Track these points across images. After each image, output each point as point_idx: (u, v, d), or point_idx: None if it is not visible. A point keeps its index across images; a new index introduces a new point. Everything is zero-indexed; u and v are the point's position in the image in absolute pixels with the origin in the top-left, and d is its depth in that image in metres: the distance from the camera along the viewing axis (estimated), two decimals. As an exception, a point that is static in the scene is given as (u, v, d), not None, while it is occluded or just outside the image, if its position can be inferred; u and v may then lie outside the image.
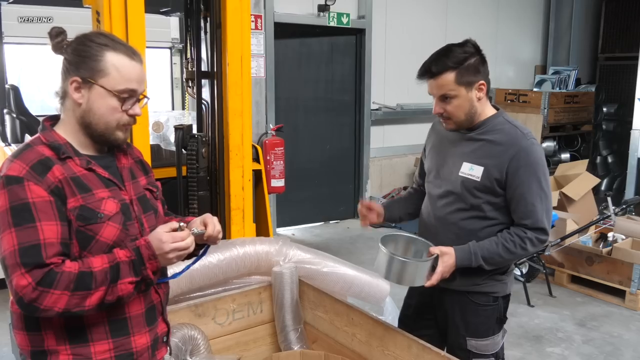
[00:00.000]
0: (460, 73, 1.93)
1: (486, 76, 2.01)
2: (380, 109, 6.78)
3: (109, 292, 1.38)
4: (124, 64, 1.46)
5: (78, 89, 1.44)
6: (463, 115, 1.99)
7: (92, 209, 1.41)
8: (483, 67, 1.99)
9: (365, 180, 6.79)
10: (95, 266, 1.37)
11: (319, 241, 6.00)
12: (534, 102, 6.80)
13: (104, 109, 1.45)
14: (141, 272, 1.42)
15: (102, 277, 1.36)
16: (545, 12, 8.29)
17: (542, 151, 2.03)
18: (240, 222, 2.83)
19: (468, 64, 1.93)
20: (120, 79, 1.45)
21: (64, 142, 1.45)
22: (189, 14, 2.83)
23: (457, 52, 1.94)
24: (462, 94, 1.95)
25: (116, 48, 1.46)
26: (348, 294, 2.93)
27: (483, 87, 1.99)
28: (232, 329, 2.65)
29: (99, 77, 1.43)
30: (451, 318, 2.14)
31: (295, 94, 6.25)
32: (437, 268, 1.95)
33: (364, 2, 6.38)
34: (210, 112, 2.80)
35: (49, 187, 1.36)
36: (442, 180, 2.11)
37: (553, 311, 4.24)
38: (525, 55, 8.26)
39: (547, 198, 2.00)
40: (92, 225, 1.41)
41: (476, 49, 1.98)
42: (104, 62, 1.43)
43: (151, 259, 1.42)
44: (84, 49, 1.44)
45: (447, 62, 1.93)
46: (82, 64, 1.43)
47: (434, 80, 1.96)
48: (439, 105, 1.99)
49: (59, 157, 1.41)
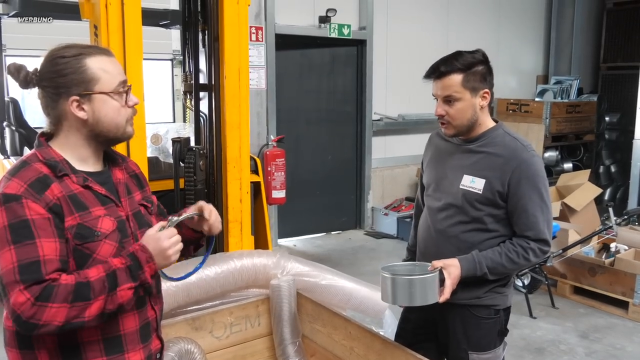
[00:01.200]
0: (467, 76, 1.94)
1: (491, 87, 2.02)
2: (381, 120, 6.79)
3: (108, 301, 1.36)
4: (106, 63, 1.47)
5: (80, 107, 1.43)
6: (465, 120, 1.99)
7: (89, 227, 1.41)
8: (489, 77, 2.00)
9: (367, 190, 6.78)
10: (92, 276, 1.35)
11: (321, 252, 5.98)
12: (536, 112, 6.79)
13: (111, 112, 1.46)
14: (139, 277, 1.40)
15: (100, 286, 1.35)
16: (546, 21, 8.31)
17: (542, 163, 2.04)
18: (238, 234, 2.83)
19: (476, 69, 1.95)
20: (111, 77, 1.46)
21: (60, 159, 1.44)
22: (187, 26, 2.84)
23: (467, 56, 1.96)
24: (466, 98, 1.96)
25: (90, 52, 1.45)
26: (347, 307, 2.91)
27: (487, 96, 2.00)
28: (230, 342, 2.63)
29: (93, 85, 1.43)
30: (452, 332, 2.13)
31: (296, 104, 6.26)
32: (446, 281, 1.93)
33: (365, 13, 6.41)
34: (208, 124, 2.80)
35: (47, 204, 1.35)
36: (442, 193, 2.10)
37: (555, 323, 4.20)
38: (527, 65, 8.27)
39: (548, 209, 2.00)
40: (89, 244, 1.40)
41: (485, 58, 2.00)
42: (90, 69, 1.43)
43: (149, 261, 1.42)
44: (63, 68, 1.42)
45: (456, 63, 1.94)
46: (71, 82, 1.42)
47: (440, 81, 1.97)
48: (441, 107, 1.99)
49: (56, 174, 1.41)
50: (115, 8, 2.32)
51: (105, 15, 2.33)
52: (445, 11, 7.17)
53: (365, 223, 6.80)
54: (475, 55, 1.97)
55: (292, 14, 5.91)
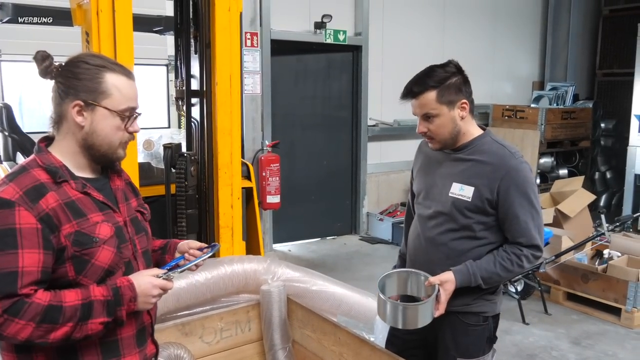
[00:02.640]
0: (441, 92, 1.95)
1: (469, 95, 2.03)
2: (377, 125, 6.81)
3: (77, 330, 1.37)
4: (124, 83, 1.48)
5: (80, 112, 1.44)
6: (447, 134, 2.00)
7: (86, 233, 1.41)
8: (465, 87, 2.01)
9: (363, 196, 6.79)
10: (67, 301, 1.36)
11: (315, 257, 5.99)
12: (531, 118, 6.81)
13: (108, 130, 1.47)
14: (115, 313, 1.41)
15: (71, 314, 1.35)
16: (542, 28, 8.34)
17: (530, 169, 2.05)
18: (229, 240, 2.83)
19: (449, 83, 1.96)
20: (122, 98, 1.47)
21: (60, 165, 1.45)
22: (179, 33, 2.86)
23: (438, 72, 1.97)
24: (444, 113, 1.97)
25: (113, 69, 1.47)
26: (337, 312, 2.92)
27: (465, 106, 2.01)
28: (220, 347, 2.64)
29: (102, 98, 1.45)
30: (441, 338, 2.13)
31: (292, 110, 6.28)
32: (441, 297, 1.95)
33: (360, 19, 6.43)
34: (199, 130, 2.81)
35: (39, 214, 1.35)
36: (432, 201, 2.11)
37: (548, 329, 4.21)
38: (523, 71, 8.30)
39: (539, 215, 2.02)
40: (87, 250, 1.41)
41: (458, 69, 2.01)
42: (105, 83, 1.45)
43: (131, 300, 1.43)
44: (82, 72, 1.44)
45: (428, 81, 1.96)
46: (82, 86, 1.44)
47: (416, 100, 1.99)
48: (422, 124, 2.02)
49: (55, 181, 1.42)
50: (106, 15, 2.34)
51: (96, 22, 2.34)
52: (441, 17, 7.20)
53: (360, 228, 6.81)
54: (447, 69, 1.98)
55: (287, 20, 5.93)
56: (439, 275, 1.98)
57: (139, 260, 1.57)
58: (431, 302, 1.92)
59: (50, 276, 1.39)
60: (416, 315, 1.92)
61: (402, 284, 2.09)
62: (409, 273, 2.08)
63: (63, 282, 1.41)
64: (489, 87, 7.68)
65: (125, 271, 1.50)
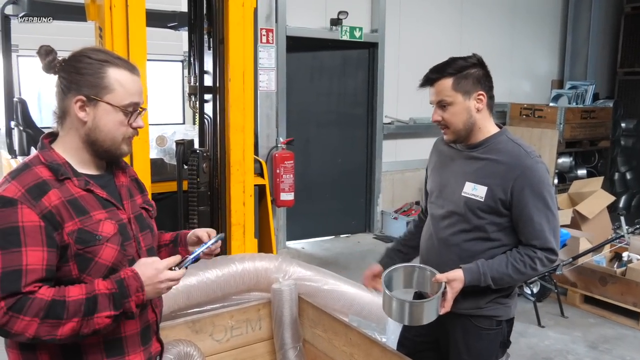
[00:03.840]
0: (457, 80, 1.93)
1: (488, 90, 1.99)
2: (392, 123, 6.75)
3: (83, 325, 1.35)
4: (127, 78, 1.46)
5: (83, 108, 1.43)
6: (461, 124, 1.97)
7: (89, 231, 1.40)
8: (485, 80, 1.98)
9: (377, 194, 6.74)
10: (71, 295, 1.34)
11: (329, 255, 5.96)
12: (550, 117, 6.71)
13: (111, 125, 1.45)
14: (122, 305, 1.39)
15: (76, 309, 1.33)
16: (562, 25, 8.21)
17: (546, 169, 1.99)
18: (240, 237, 2.82)
19: (467, 72, 1.94)
20: (125, 93, 1.45)
21: (63, 162, 1.44)
22: (193, 29, 2.84)
23: (458, 61, 1.96)
24: (458, 101, 1.94)
25: (116, 63, 1.45)
26: (349, 312, 2.90)
27: (482, 98, 1.97)
28: (230, 345, 2.63)
29: (105, 93, 1.43)
30: (454, 342, 2.09)
31: (307, 107, 6.25)
32: (447, 295, 1.91)
33: (377, 16, 6.38)
34: (212, 127, 2.79)
35: (41, 211, 1.34)
36: (445, 200, 2.07)
37: (564, 332, 4.14)
38: (542, 69, 8.17)
39: (554, 217, 1.96)
40: (90, 248, 1.40)
41: (480, 62, 1.98)
42: (108, 78, 1.43)
43: (139, 290, 1.40)
44: (84, 67, 1.43)
45: (447, 68, 1.95)
46: (85, 81, 1.42)
47: (432, 87, 1.97)
48: (437, 112, 1.99)
49: (57, 178, 1.40)
50: (119, 10, 2.33)
51: (109, 17, 2.33)
52: (458, 14, 7.12)
53: (374, 227, 6.76)
54: (468, 60, 1.97)
55: (303, 16, 5.90)
56: (446, 273, 1.94)
57: (143, 257, 1.54)
58: (437, 299, 1.88)
59: (55, 274, 1.38)
60: (421, 312, 1.89)
61: (407, 278, 2.05)
62: (414, 268, 2.04)
63: (67, 281, 1.39)
64: (506, 85, 7.58)
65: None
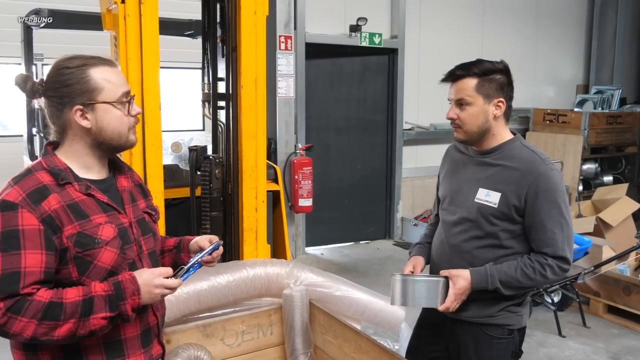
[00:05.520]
0: (482, 82, 1.93)
1: (508, 99, 1.98)
2: (413, 129, 6.72)
3: (80, 326, 1.38)
4: (109, 73, 1.50)
5: (83, 116, 1.47)
6: (475, 126, 1.96)
7: (89, 235, 1.43)
8: (507, 88, 1.97)
9: (397, 200, 6.71)
10: (68, 297, 1.38)
11: (347, 261, 5.95)
12: (574, 123, 6.60)
13: (114, 121, 1.49)
14: (118, 308, 1.41)
15: (72, 310, 1.37)
16: (587, 29, 8.07)
17: (561, 177, 1.97)
18: (253, 243, 2.83)
19: (493, 77, 1.94)
20: (114, 87, 1.49)
21: (64, 168, 1.48)
22: (207, 37, 2.89)
23: (485, 63, 1.96)
24: (478, 104, 1.93)
25: (94, 63, 1.49)
26: (362, 319, 2.88)
27: (501, 105, 1.96)
28: (241, 350, 2.63)
29: (97, 95, 1.47)
30: (464, 350, 2.07)
31: (326, 113, 6.27)
32: (450, 290, 1.92)
33: (396, 22, 6.37)
34: (225, 133, 2.83)
35: (41, 215, 1.38)
36: (457, 206, 2.06)
37: (586, 343, 4.04)
38: (566, 74, 8.04)
39: (568, 225, 1.93)
40: (89, 251, 1.43)
41: (506, 69, 1.98)
42: (93, 80, 1.46)
43: (135, 294, 1.43)
44: (67, 78, 1.46)
45: (473, 68, 1.94)
46: (74, 91, 1.45)
47: (455, 84, 1.97)
48: (453, 110, 1.98)
49: (58, 183, 1.44)
50: (133, 20, 2.38)
51: (123, 26, 2.38)
52: (480, 18, 7.06)
53: (394, 233, 6.73)
54: (496, 64, 1.96)
55: (322, 23, 5.93)
56: (451, 269, 1.96)
57: (144, 261, 1.57)
58: (439, 282, 1.95)
59: (54, 276, 1.41)
60: (423, 290, 1.95)
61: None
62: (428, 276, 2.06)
63: (68, 283, 1.43)
64: (530, 90, 7.48)
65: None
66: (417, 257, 2.23)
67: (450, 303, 1.92)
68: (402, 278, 1.98)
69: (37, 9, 3.43)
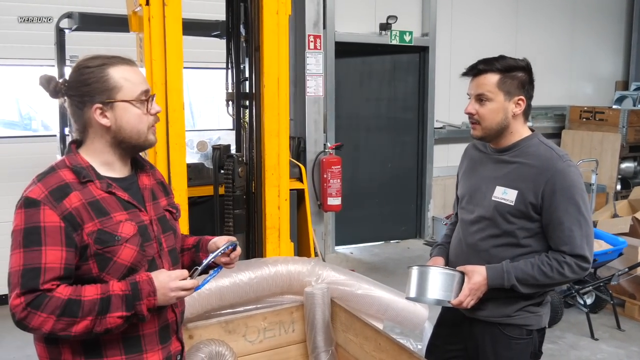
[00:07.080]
0: (504, 78, 1.91)
1: (528, 97, 1.96)
2: (444, 127, 6.65)
3: (96, 324, 1.42)
4: (128, 72, 1.53)
5: (103, 114, 1.51)
6: (494, 123, 1.94)
7: (109, 232, 1.47)
8: (528, 86, 1.95)
9: (428, 200, 6.65)
10: (86, 295, 1.42)
11: (377, 260, 5.93)
12: (612, 120, 6.40)
13: (133, 119, 1.53)
14: (134, 307, 1.45)
15: (90, 308, 1.41)
16: (627, 23, 7.81)
17: (579, 174, 1.93)
18: (275, 240, 2.86)
19: (515, 74, 1.92)
20: (133, 86, 1.53)
21: (87, 165, 1.52)
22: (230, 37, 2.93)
23: (508, 60, 1.94)
24: (498, 100, 1.92)
25: (113, 62, 1.52)
26: (384, 318, 2.87)
27: (521, 103, 1.94)
28: (263, 347, 2.66)
29: (116, 93, 1.50)
30: (482, 350, 2.05)
31: (356, 112, 6.26)
32: (464, 285, 1.91)
33: (427, 19, 6.31)
34: (248, 132, 2.86)
35: (62, 213, 1.42)
36: (475, 205, 2.04)
37: (619, 346, 3.92)
38: (605, 70, 7.80)
39: (587, 223, 1.89)
40: (109, 248, 1.47)
41: (528, 67, 1.96)
42: (112, 78, 1.50)
43: (150, 295, 1.46)
44: (87, 77, 1.50)
45: (496, 64, 1.92)
46: (94, 90, 1.50)
47: (476, 79, 1.95)
48: (472, 105, 1.97)
49: (80, 180, 1.48)
50: (157, 21, 2.43)
51: (148, 27, 2.44)
52: (514, 14, 6.92)
53: (425, 232, 6.67)
54: (519, 62, 1.94)
55: (352, 22, 5.92)
56: (466, 265, 1.95)
57: (164, 258, 1.61)
58: (455, 276, 1.93)
59: (74, 272, 1.45)
60: (439, 283, 1.94)
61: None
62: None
63: (88, 279, 1.47)
64: (566, 87, 7.29)
65: (149, 269, 1.55)
66: (437, 257, 2.22)
67: (464, 297, 1.90)
68: (418, 268, 1.98)
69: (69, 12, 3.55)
